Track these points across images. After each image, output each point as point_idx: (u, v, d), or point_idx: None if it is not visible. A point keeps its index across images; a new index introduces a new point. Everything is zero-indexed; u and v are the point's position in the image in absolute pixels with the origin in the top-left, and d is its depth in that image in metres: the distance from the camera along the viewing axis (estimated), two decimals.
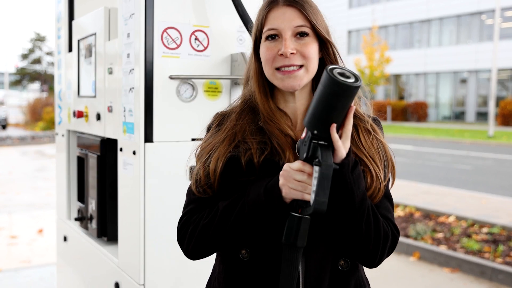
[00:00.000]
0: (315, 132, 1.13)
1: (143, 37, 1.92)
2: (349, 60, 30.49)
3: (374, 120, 1.36)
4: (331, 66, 1.09)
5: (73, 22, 2.76)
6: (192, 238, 1.27)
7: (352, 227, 1.19)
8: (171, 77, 1.98)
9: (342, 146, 1.14)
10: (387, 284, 4.33)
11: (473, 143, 18.18)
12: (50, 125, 19.98)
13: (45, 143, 17.83)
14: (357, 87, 1.09)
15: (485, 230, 5.62)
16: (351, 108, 1.14)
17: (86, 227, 2.59)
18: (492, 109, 21.59)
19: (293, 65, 1.24)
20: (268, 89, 1.33)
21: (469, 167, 11.58)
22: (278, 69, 1.26)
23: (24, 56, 43.16)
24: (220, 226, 1.23)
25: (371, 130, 1.31)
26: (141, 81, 1.94)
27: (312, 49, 1.26)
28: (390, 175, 1.33)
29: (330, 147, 1.13)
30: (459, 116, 30.95)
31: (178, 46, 2.00)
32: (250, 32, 1.98)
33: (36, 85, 42.76)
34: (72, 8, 2.89)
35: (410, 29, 32.64)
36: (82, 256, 2.69)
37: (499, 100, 26.60)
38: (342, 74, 1.08)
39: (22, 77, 43.17)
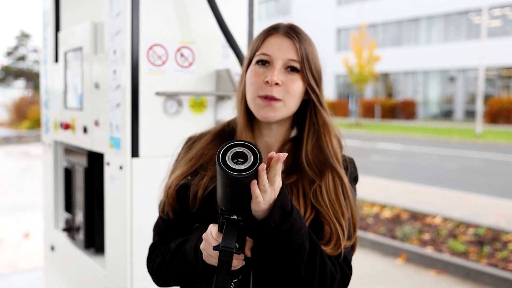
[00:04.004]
0: (222, 208, 0.99)
1: (129, 55, 1.94)
2: (338, 58, 30.61)
3: (350, 161, 1.32)
4: (226, 146, 0.93)
5: (60, 34, 2.76)
6: (153, 274, 1.32)
7: (289, 273, 1.06)
8: (157, 93, 2.00)
9: (260, 206, 0.98)
10: (373, 287, 4.38)
11: (461, 142, 18.35)
12: (36, 124, 19.69)
13: (31, 142, 17.62)
14: (248, 176, 0.90)
15: (471, 231, 5.70)
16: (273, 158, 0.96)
17: (73, 238, 2.61)
18: (480, 107, 21.80)
19: (273, 97, 1.21)
20: (250, 116, 1.29)
21: (456, 167, 11.70)
22: (259, 97, 1.22)
23: (9, 54, 42.69)
24: (169, 267, 1.24)
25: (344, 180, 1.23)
26: (127, 97, 1.96)
27: (297, 87, 1.23)
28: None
29: (242, 222, 0.99)
30: (447, 114, 31.17)
31: (164, 62, 2.01)
32: (233, 48, 2.00)
33: (21, 83, 42.34)
34: (58, 18, 2.89)
35: (399, 27, 32.80)
36: (70, 266, 2.70)
37: (487, 98, 26.84)
38: (237, 156, 0.92)
39: (7, 75, 42.69)
